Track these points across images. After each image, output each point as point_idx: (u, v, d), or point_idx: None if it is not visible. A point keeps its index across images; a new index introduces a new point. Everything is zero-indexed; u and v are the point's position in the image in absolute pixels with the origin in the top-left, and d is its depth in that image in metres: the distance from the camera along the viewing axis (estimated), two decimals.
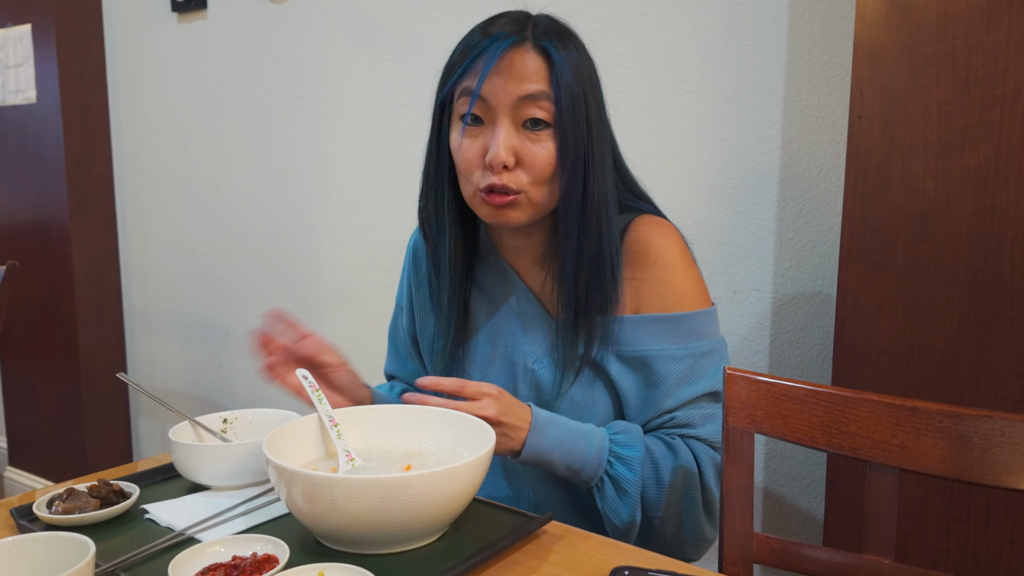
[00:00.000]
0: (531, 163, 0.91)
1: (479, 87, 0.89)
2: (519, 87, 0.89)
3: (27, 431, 2.74)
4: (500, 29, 0.92)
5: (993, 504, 1.04)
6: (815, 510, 1.42)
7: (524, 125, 0.91)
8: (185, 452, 0.92)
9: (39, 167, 2.51)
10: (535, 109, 0.90)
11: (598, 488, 0.95)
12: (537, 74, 0.90)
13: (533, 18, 0.95)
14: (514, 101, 0.90)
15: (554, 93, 0.90)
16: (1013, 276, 1.00)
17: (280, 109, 2.13)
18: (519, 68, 0.89)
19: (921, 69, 1.04)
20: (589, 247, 0.94)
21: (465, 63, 0.92)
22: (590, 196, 0.93)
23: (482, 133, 0.92)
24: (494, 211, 0.94)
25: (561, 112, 0.90)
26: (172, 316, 2.51)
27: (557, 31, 0.94)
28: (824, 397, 0.90)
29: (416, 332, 1.15)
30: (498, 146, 0.90)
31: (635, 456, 0.95)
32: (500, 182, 0.91)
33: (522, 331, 1.03)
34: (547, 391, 1.01)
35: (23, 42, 2.48)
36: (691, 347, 0.98)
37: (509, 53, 0.90)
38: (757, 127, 1.41)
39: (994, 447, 0.81)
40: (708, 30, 1.43)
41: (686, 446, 0.98)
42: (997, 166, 1.00)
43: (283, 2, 2.07)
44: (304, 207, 2.12)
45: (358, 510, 0.72)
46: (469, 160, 0.93)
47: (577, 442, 0.94)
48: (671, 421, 0.99)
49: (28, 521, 0.85)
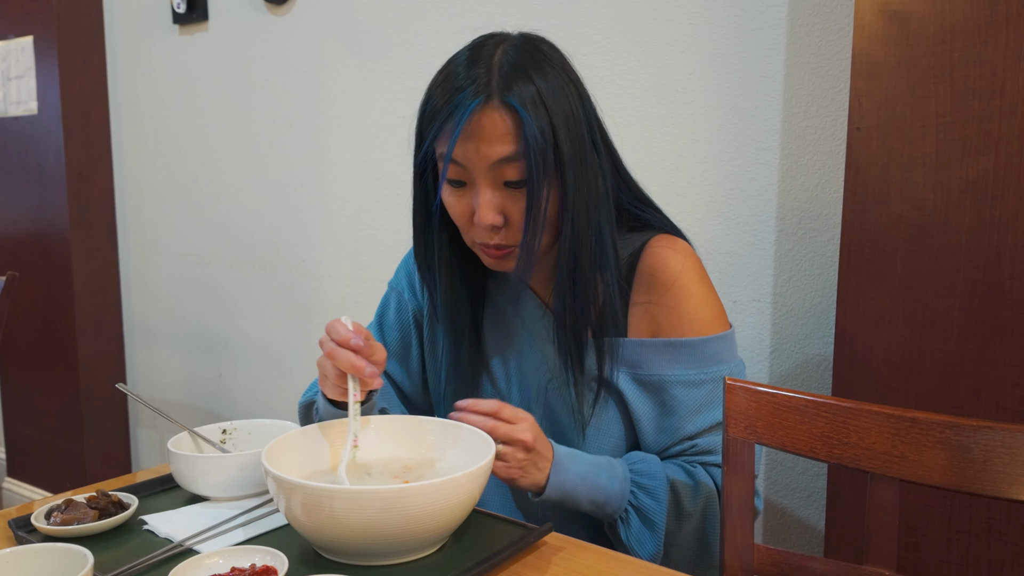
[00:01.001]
0: (519, 220, 0.91)
1: (450, 153, 0.89)
2: (491, 151, 0.88)
3: (26, 442, 2.74)
4: (465, 84, 0.88)
5: (995, 516, 1.04)
6: (816, 521, 1.41)
7: (504, 184, 0.91)
8: (184, 463, 0.92)
9: (40, 178, 2.51)
10: (509, 171, 0.89)
11: (622, 521, 0.94)
12: (506, 135, 0.87)
13: (500, 54, 0.90)
14: (490, 165, 0.89)
15: (522, 151, 0.87)
16: (1012, 287, 1.00)
17: (281, 120, 2.14)
18: (488, 131, 0.87)
19: (919, 81, 1.04)
20: (583, 283, 0.94)
21: (436, 126, 0.90)
22: (564, 243, 0.92)
23: (467, 193, 0.92)
24: (495, 262, 0.96)
25: (531, 169, 0.88)
26: (172, 327, 2.51)
27: (524, 69, 0.89)
28: (824, 408, 0.89)
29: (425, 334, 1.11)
30: (482, 209, 0.90)
31: (659, 485, 0.94)
32: (492, 242, 0.93)
33: (531, 347, 1.03)
34: (559, 413, 1.01)
35: (25, 54, 2.49)
36: (709, 372, 0.97)
37: (475, 116, 0.87)
38: (756, 138, 1.41)
39: (995, 458, 0.81)
40: (707, 42, 1.44)
41: (707, 474, 0.98)
42: (996, 177, 1.00)
43: (284, 14, 2.08)
44: (304, 218, 2.12)
45: (357, 521, 0.72)
46: (460, 217, 0.94)
47: (600, 476, 0.93)
48: (692, 448, 0.98)
49: (26, 532, 0.84)
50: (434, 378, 1.11)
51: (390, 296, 1.15)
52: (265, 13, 2.12)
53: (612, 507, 0.94)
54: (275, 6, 2.09)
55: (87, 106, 2.49)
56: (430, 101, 0.93)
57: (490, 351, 1.06)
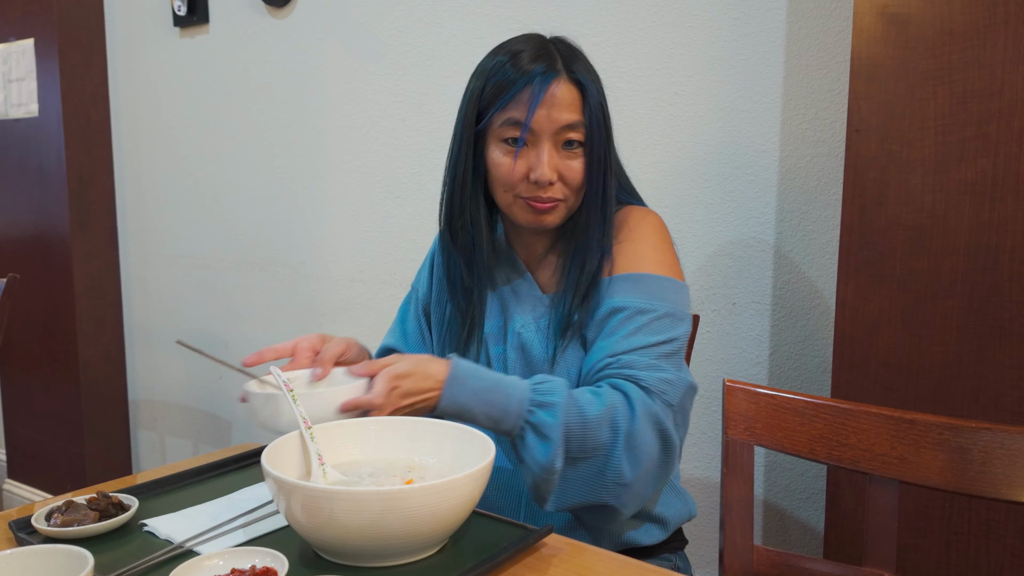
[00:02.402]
0: (571, 178, 1.05)
1: (529, 119, 1.03)
2: (560, 117, 1.03)
3: (26, 443, 2.74)
4: (537, 63, 1.04)
5: (994, 517, 1.04)
6: (815, 522, 1.42)
7: (561, 145, 1.05)
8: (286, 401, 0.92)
9: (41, 180, 2.52)
10: (572, 134, 1.04)
11: (519, 438, 0.96)
12: (573, 104, 1.04)
13: (554, 45, 1.07)
14: (556, 128, 1.03)
15: (587, 120, 1.04)
16: (1011, 288, 1.00)
17: (281, 123, 2.14)
18: (560, 100, 1.03)
19: (918, 83, 1.04)
20: (600, 237, 1.08)
21: (509, 95, 1.04)
22: (608, 198, 1.08)
23: (526, 153, 1.05)
24: (535, 215, 1.07)
25: (592, 135, 1.05)
26: (172, 328, 2.51)
27: (578, 57, 1.07)
28: (824, 409, 0.90)
29: (431, 307, 1.22)
30: (543, 167, 1.03)
31: (557, 402, 0.94)
32: (546, 195, 1.05)
33: (516, 305, 1.13)
34: (535, 355, 1.08)
35: (26, 56, 2.50)
36: (653, 304, 1.01)
37: (551, 87, 1.03)
38: (756, 140, 1.41)
39: (994, 459, 0.81)
40: (707, 45, 1.44)
41: (615, 388, 0.96)
42: (995, 179, 1.00)
43: (284, 17, 2.09)
44: (304, 220, 2.13)
45: (357, 523, 0.72)
46: (515, 175, 1.05)
47: (497, 392, 0.95)
48: (613, 364, 0.99)
49: (27, 534, 0.85)
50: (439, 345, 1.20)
51: (411, 296, 1.27)
52: (265, 16, 2.12)
53: (508, 423, 0.95)
54: (275, 8, 2.09)
55: (88, 108, 2.49)
56: (495, 78, 1.06)
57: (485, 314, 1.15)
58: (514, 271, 1.16)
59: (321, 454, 0.87)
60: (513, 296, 1.14)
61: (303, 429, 0.88)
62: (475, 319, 1.15)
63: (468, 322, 1.15)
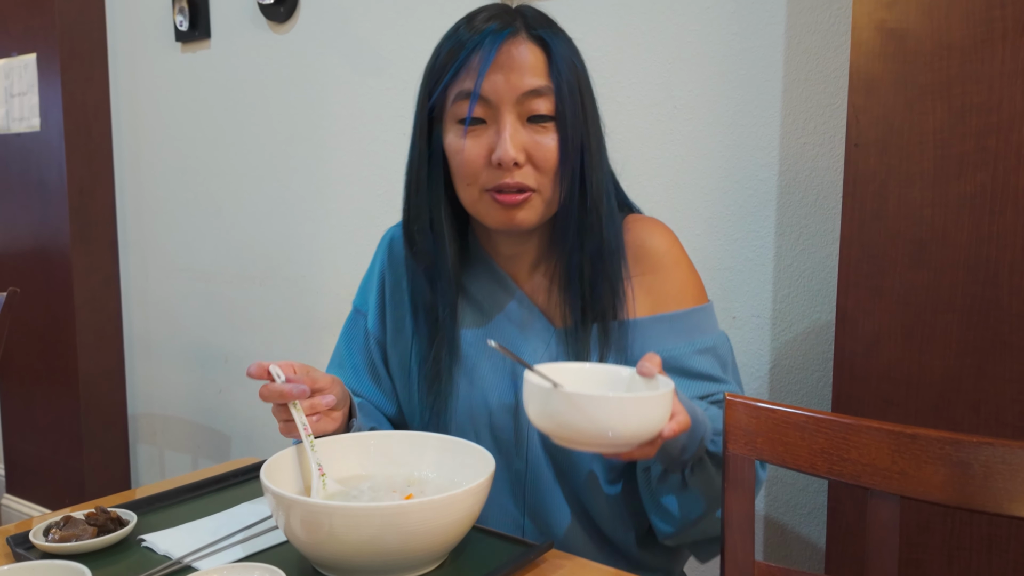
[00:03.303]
0: (542, 158, 0.88)
1: (478, 86, 0.85)
2: (521, 82, 0.86)
3: (25, 458, 2.73)
4: (489, 23, 0.87)
5: (996, 532, 1.03)
6: (817, 538, 1.41)
7: (528, 120, 0.88)
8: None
9: (42, 194, 2.52)
10: (539, 103, 0.87)
11: (695, 468, 0.87)
12: (537, 67, 0.86)
13: (517, 9, 0.91)
14: (517, 97, 0.87)
15: (555, 85, 0.87)
16: (1012, 302, 1.00)
17: (282, 137, 2.15)
18: (518, 61, 0.86)
19: (916, 98, 1.05)
20: (591, 241, 0.92)
21: (458, 62, 0.87)
22: (588, 187, 0.90)
23: (485, 132, 0.89)
24: (504, 212, 0.90)
25: (563, 105, 0.87)
26: (172, 342, 2.51)
27: (546, 21, 0.91)
28: (825, 424, 0.89)
29: (387, 343, 1.06)
30: (506, 143, 0.86)
31: (720, 428, 0.90)
32: (512, 180, 0.88)
33: (522, 340, 0.98)
34: None
35: (28, 70, 2.51)
36: (696, 343, 0.96)
37: (505, 46, 0.86)
38: (755, 154, 1.42)
39: (995, 474, 0.81)
40: (705, 59, 1.45)
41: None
42: (994, 193, 1.00)
43: (286, 32, 2.10)
44: (305, 234, 2.13)
45: (356, 538, 0.72)
46: (473, 162, 0.89)
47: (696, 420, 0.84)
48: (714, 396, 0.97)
49: (24, 549, 0.84)
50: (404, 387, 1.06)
51: (355, 320, 1.10)
52: (267, 31, 2.13)
53: (689, 454, 0.85)
54: (277, 24, 2.10)
55: (89, 122, 2.50)
56: (443, 50, 0.91)
57: (466, 343, 1.01)
58: (502, 291, 0.99)
59: (322, 464, 0.86)
60: (513, 326, 0.98)
61: (304, 437, 0.86)
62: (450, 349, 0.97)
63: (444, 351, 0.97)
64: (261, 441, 2.30)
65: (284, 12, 2.05)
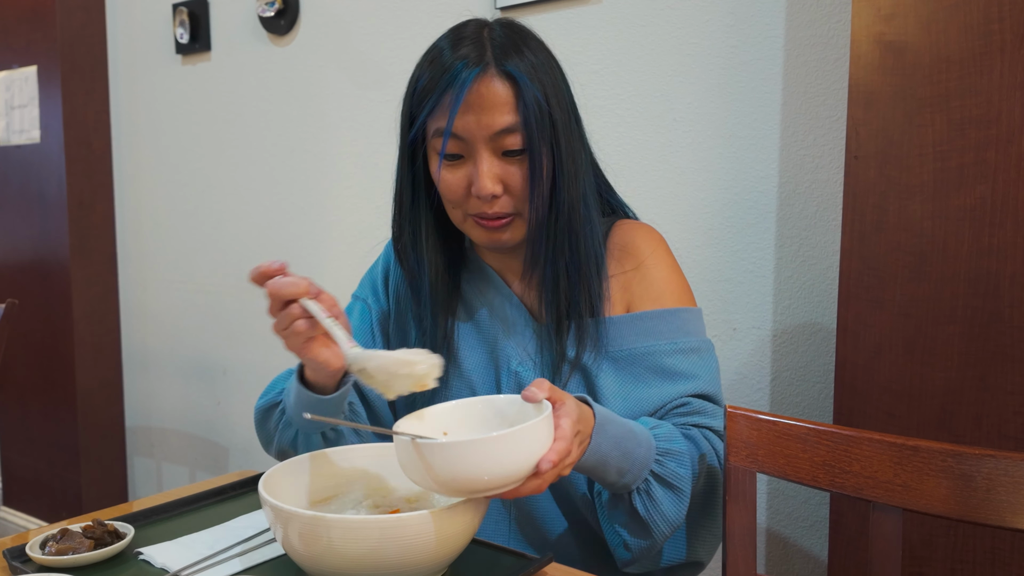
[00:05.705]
0: (514, 186, 0.92)
1: (450, 126, 0.89)
2: (492, 121, 0.89)
3: (22, 470, 2.72)
4: (459, 59, 0.90)
5: (999, 545, 1.03)
6: (819, 551, 1.40)
7: (502, 153, 0.92)
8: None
9: (41, 206, 2.52)
10: (510, 140, 0.91)
11: (642, 492, 0.86)
12: (506, 104, 0.90)
13: (489, 30, 0.94)
14: (490, 135, 0.90)
15: (523, 119, 0.90)
16: (1013, 314, 1.00)
17: (282, 150, 2.15)
18: (488, 101, 0.89)
19: (916, 111, 1.05)
20: (564, 255, 0.95)
21: (432, 98, 0.91)
22: (560, 208, 0.94)
23: (463, 165, 0.93)
24: (488, 234, 0.95)
25: (531, 138, 0.90)
26: (170, 355, 2.51)
27: (515, 42, 0.93)
28: (826, 436, 0.89)
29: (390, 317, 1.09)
30: (483, 178, 0.90)
31: (683, 450, 0.88)
32: (492, 210, 0.93)
33: (504, 334, 1.01)
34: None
35: (28, 83, 2.51)
36: (679, 343, 0.97)
37: (475, 86, 0.89)
38: (754, 167, 1.42)
39: (998, 487, 0.80)
40: (705, 72, 1.46)
41: (703, 436, 0.95)
42: (993, 205, 1.01)
43: (286, 45, 2.10)
44: (305, 246, 2.13)
45: (355, 551, 0.72)
46: (455, 192, 0.93)
47: (629, 440, 0.84)
48: (686, 407, 0.96)
49: (21, 562, 0.83)
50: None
51: (354, 306, 1.12)
52: (267, 43, 2.14)
53: (631, 477, 0.85)
54: (277, 36, 2.11)
55: (89, 135, 2.50)
56: (421, 80, 0.94)
57: (460, 344, 1.04)
58: (490, 288, 1.03)
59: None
60: (499, 322, 1.02)
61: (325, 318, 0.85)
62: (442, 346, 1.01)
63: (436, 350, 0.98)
64: (259, 453, 2.29)
65: (284, 25, 2.06)
